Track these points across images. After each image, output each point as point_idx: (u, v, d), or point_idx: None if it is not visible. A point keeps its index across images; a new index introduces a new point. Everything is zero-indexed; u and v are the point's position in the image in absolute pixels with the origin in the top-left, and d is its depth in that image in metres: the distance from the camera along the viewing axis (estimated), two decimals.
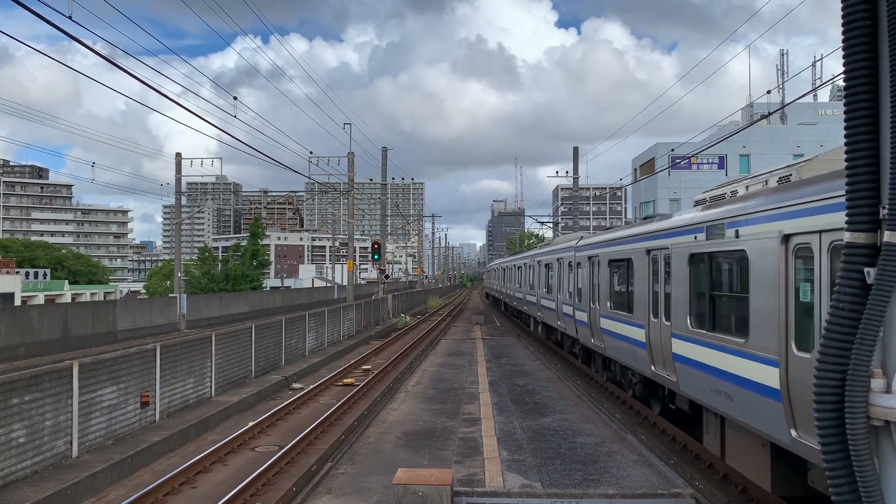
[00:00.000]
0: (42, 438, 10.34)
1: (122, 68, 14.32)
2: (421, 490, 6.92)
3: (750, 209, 9.02)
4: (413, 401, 16.97)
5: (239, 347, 18.51)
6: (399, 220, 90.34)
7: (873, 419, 2.82)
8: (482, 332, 36.88)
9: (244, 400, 16.61)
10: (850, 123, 2.99)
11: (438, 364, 23.96)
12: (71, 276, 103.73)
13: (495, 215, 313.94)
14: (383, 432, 13.63)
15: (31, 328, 27.02)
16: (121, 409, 12.51)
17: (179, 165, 41.47)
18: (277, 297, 58.63)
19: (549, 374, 21.51)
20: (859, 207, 2.94)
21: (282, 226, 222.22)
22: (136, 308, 36.42)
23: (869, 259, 2.90)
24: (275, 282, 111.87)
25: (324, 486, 10.23)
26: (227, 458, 12.29)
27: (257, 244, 70.81)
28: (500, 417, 14.79)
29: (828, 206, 7.13)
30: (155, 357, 13.85)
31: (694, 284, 10.89)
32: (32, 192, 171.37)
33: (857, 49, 2.95)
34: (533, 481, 10.26)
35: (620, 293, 15.91)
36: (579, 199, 45.03)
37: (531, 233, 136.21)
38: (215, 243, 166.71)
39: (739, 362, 8.93)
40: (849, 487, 2.83)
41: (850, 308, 2.90)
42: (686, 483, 10.18)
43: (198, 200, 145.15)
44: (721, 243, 9.76)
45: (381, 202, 61.98)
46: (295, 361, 23.00)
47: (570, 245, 22.15)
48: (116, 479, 10.74)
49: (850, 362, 2.84)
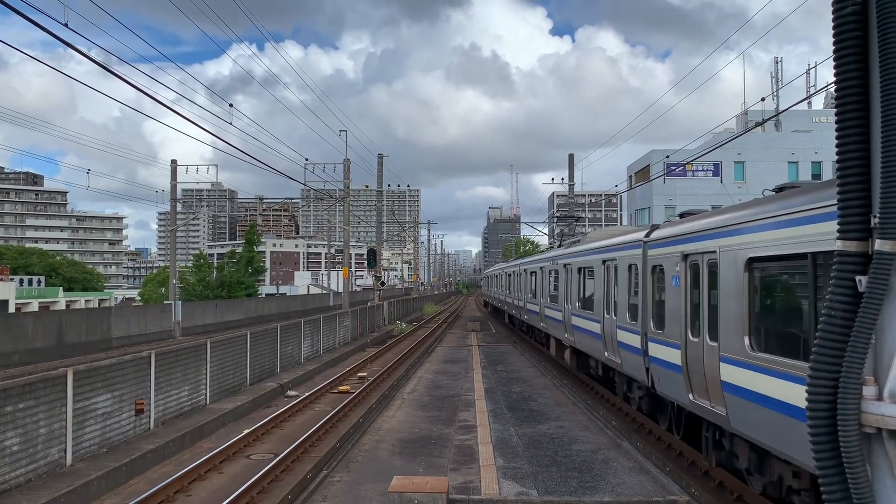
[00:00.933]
0: (36, 446, 10.30)
1: (117, 75, 14.33)
2: (417, 498, 6.92)
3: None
4: (409, 408, 16.95)
5: (234, 355, 18.47)
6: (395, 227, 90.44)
7: (865, 426, 2.83)
8: (478, 339, 36.86)
9: (239, 407, 16.56)
10: (842, 133, 3.01)
11: (434, 371, 23.93)
12: (65, 283, 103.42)
13: (491, 222, 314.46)
14: (379, 440, 13.61)
15: (24, 335, 26.91)
16: (115, 417, 12.47)
17: (175, 172, 41.45)
18: (273, 304, 58.53)
19: (545, 381, 21.50)
20: (850, 216, 2.96)
21: (277, 233, 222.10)
22: (131, 315, 36.31)
23: (860, 267, 2.91)
24: (270, 289, 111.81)
25: (319, 494, 10.21)
26: (222, 466, 12.25)
27: (253, 251, 70.74)
28: (495, 425, 14.78)
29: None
30: (150, 364, 13.81)
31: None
32: (27, 198, 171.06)
33: (848, 58, 2.98)
34: (529, 489, 10.25)
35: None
36: (575, 206, 45.06)
37: (527, 239, 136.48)
38: (210, 250, 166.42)
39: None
40: (842, 495, 2.84)
41: (842, 316, 2.91)
42: (682, 490, 10.19)
43: (193, 207, 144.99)
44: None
45: (377, 209, 61.99)
46: (290, 369, 22.96)
47: (634, 240, 14.68)
48: (110, 488, 10.69)
49: (842, 370, 2.86)
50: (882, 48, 2.81)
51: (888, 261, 2.81)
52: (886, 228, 2.81)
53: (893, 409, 2.77)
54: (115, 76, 14.38)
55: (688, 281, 11.09)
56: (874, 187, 2.91)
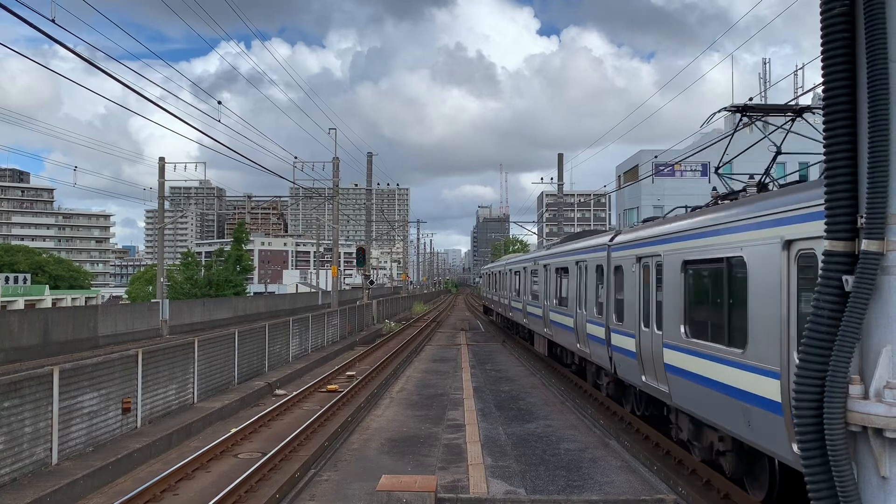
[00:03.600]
0: (21, 445, 10.21)
1: (103, 70, 14.24)
2: (405, 496, 6.92)
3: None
4: (397, 407, 16.93)
5: (222, 353, 18.38)
6: (384, 226, 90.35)
7: (851, 425, 2.86)
8: (467, 338, 36.88)
9: (227, 406, 16.49)
10: (829, 134, 3.03)
11: (423, 370, 23.92)
12: (52, 281, 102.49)
13: (480, 221, 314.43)
14: (367, 439, 13.59)
15: (10, 333, 26.69)
16: (102, 416, 12.39)
17: (163, 170, 41.22)
18: (261, 303, 58.34)
19: (534, 380, 21.54)
20: (838, 216, 2.98)
21: (266, 231, 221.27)
22: (118, 313, 36.08)
23: (847, 267, 2.93)
24: (259, 287, 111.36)
25: (307, 493, 10.18)
26: (210, 465, 12.20)
27: (241, 249, 70.43)
28: (484, 424, 14.79)
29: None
30: (137, 363, 13.72)
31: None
32: (13, 195, 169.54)
33: (836, 59, 2.99)
34: (517, 487, 10.26)
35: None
36: (564, 206, 45.16)
37: (516, 238, 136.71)
38: (199, 248, 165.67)
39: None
40: (827, 492, 2.86)
41: (829, 315, 2.93)
42: (669, 489, 10.24)
43: (181, 205, 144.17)
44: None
45: (366, 207, 61.91)
46: (278, 367, 22.88)
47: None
48: (97, 487, 10.62)
49: (829, 369, 2.88)
50: (869, 49, 2.83)
51: (874, 260, 2.83)
52: (873, 228, 2.84)
53: (879, 408, 2.79)
54: (102, 72, 14.30)
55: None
56: (861, 188, 2.93)
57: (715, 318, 9.86)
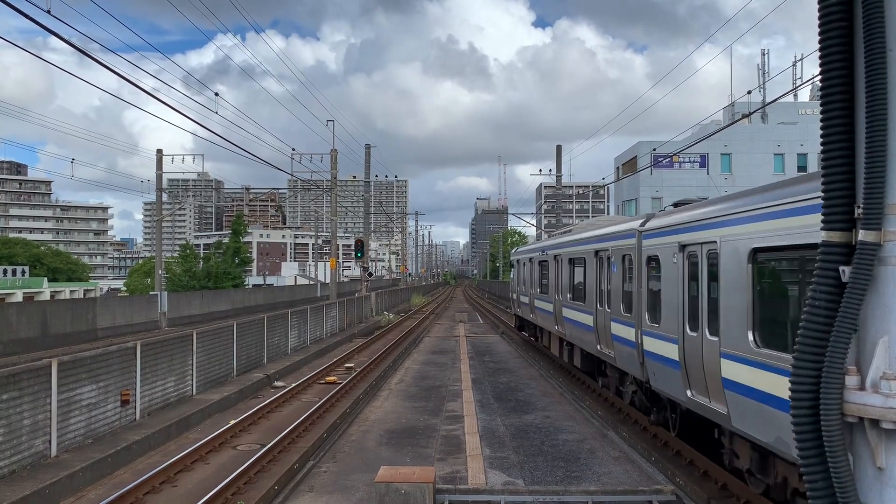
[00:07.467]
0: (20, 437, 10.22)
1: (98, 61, 14.16)
2: (403, 488, 6.93)
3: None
4: (396, 398, 16.96)
5: (220, 345, 18.39)
6: (382, 218, 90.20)
7: (847, 416, 2.86)
8: (465, 330, 36.93)
9: (226, 398, 16.52)
10: (826, 124, 3.02)
11: (421, 362, 23.96)
12: (50, 274, 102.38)
13: (479, 213, 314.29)
14: (366, 430, 13.62)
15: (8, 326, 26.69)
16: (100, 408, 12.40)
17: (160, 162, 41.14)
18: (260, 295, 58.36)
19: (532, 371, 21.58)
20: (835, 207, 2.97)
21: (264, 223, 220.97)
22: (117, 306, 36.09)
23: (844, 258, 2.93)
24: (257, 279, 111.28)
25: (306, 485, 10.21)
26: (209, 457, 12.22)
27: (239, 241, 70.43)
28: (482, 415, 14.82)
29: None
30: (135, 355, 13.73)
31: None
32: (10, 188, 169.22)
33: (834, 50, 2.98)
34: (515, 478, 10.29)
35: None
36: (563, 197, 45.19)
37: (514, 230, 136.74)
38: (197, 240, 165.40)
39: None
40: (823, 483, 2.86)
41: (826, 306, 2.93)
42: (667, 480, 10.27)
43: (179, 197, 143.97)
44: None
45: (365, 199, 61.85)
46: (277, 359, 22.91)
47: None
48: (96, 479, 10.65)
49: (826, 359, 2.88)
50: (867, 40, 2.82)
51: (871, 251, 2.83)
52: (870, 218, 2.83)
53: (875, 399, 2.79)
54: (97, 62, 14.22)
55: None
56: (858, 178, 2.93)
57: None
